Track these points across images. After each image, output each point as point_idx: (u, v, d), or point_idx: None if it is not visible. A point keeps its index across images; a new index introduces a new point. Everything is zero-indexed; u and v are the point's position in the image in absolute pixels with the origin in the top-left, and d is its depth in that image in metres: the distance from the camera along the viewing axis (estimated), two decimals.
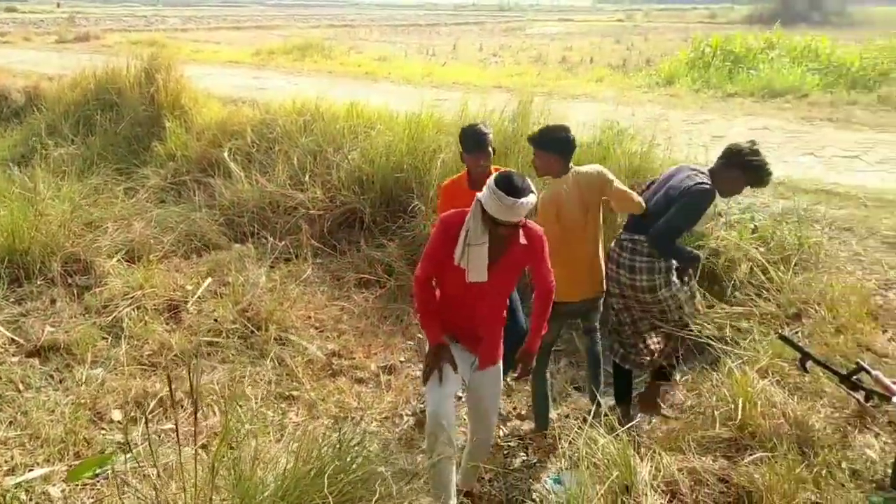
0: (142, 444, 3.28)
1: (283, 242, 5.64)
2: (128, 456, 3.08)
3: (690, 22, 29.06)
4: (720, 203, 4.95)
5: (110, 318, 4.51)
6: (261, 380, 4.02)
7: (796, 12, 23.82)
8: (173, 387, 3.70)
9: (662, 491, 2.96)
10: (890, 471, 2.90)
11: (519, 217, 2.90)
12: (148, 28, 23.62)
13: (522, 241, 3.03)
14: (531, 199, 2.86)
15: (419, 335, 4.65)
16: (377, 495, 2.61)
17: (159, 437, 3.48)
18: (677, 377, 3.95)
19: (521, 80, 10.90)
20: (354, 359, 4.42)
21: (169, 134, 7.54)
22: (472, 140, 3.72)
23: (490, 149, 3.75)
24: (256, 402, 3.71)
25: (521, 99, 6.24)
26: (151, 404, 3.66)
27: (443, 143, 6.00)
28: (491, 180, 2.90)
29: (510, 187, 2.86)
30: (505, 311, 3.29)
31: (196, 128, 7.63)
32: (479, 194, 2.95)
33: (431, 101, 6.71)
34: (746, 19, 26.35)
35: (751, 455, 3.11)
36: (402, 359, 4.51)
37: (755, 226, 5.02)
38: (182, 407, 3.67)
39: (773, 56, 13.29)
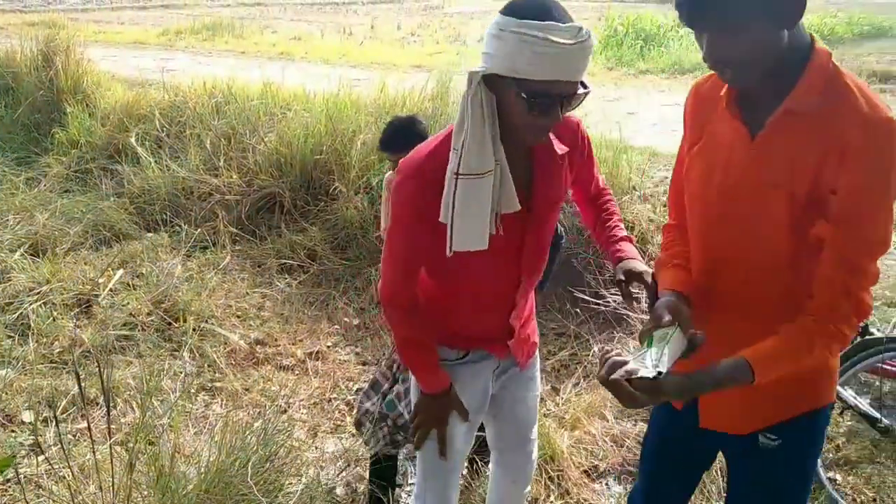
0: (55, 444, 3.15)
1: (198, 230, 5.46)
2: (40, 458, 2.94)
3: (605, 1, 29.59)
4: (634, 177, 5.09)
5: (16, 316, 4.27)
6: (180, 372, 3.90)
7: None
8: (86, 384, 3.57)
9: (586, 457, 3.06)
10: None
11: (584, 69, 1.51)
12: (45, 9, 22.25)
13: (559, 147, 1.71)
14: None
15: (346, 319, 4.61)
16: (304, 481, 2.60)
17: (74, 436, 3.34)
18: (596, 348, 4.05)
19: (440, 59, 10.86)
20: (279, 346, 4.34)
21: (71, 119, 7.17)
22: None
23: None
24: (176, 396, 3.60)
25: (439, 79, 6.22)
26: (63, 403, 3.50)
27: (362, 123, 5.92)
28: (498, 17, 1.54)
29: (543, 8, 1.48)
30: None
31: (100, 112, 7.27)
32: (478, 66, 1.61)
33: (349, 81, 6.61)
34: None
35: None
36: (329, 344, 4.46)
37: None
38: (97, 404, 3.53)
39: (682, 34, 13.72)
